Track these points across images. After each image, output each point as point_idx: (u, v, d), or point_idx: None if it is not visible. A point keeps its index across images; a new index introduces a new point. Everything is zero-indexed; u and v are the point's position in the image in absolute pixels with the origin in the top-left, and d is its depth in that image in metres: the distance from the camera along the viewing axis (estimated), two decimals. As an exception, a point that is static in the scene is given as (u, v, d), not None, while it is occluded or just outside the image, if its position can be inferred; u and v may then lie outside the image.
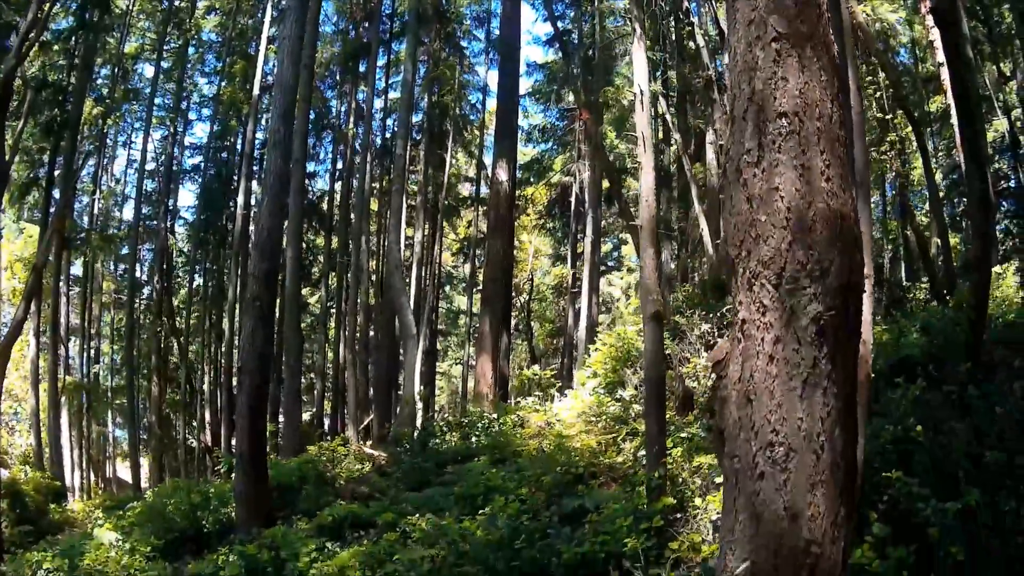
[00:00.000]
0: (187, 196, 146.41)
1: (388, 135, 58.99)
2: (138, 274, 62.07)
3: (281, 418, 44.75)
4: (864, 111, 20.84)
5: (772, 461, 6.02)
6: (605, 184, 48.73)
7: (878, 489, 12.11)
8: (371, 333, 54.46)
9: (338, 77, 60.44)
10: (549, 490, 18.76)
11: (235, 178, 58.42)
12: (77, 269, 63.60)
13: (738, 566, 6.13)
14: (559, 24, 51.46)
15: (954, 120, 25.30)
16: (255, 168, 55.69)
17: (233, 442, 43.79)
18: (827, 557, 6.09)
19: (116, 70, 56.60)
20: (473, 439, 27.17)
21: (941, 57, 27.46)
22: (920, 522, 11.21)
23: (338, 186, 60.92)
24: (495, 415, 28.74)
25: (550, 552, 13.85)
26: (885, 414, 14.22)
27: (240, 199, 50.50)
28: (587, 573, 13.20)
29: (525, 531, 14.82)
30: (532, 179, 61.35)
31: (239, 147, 58.86)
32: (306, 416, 52.82)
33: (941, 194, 40.90)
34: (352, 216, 53.60)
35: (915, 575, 10.28)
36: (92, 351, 64.75)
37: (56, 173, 47.81)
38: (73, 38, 48.08)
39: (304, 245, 51.60)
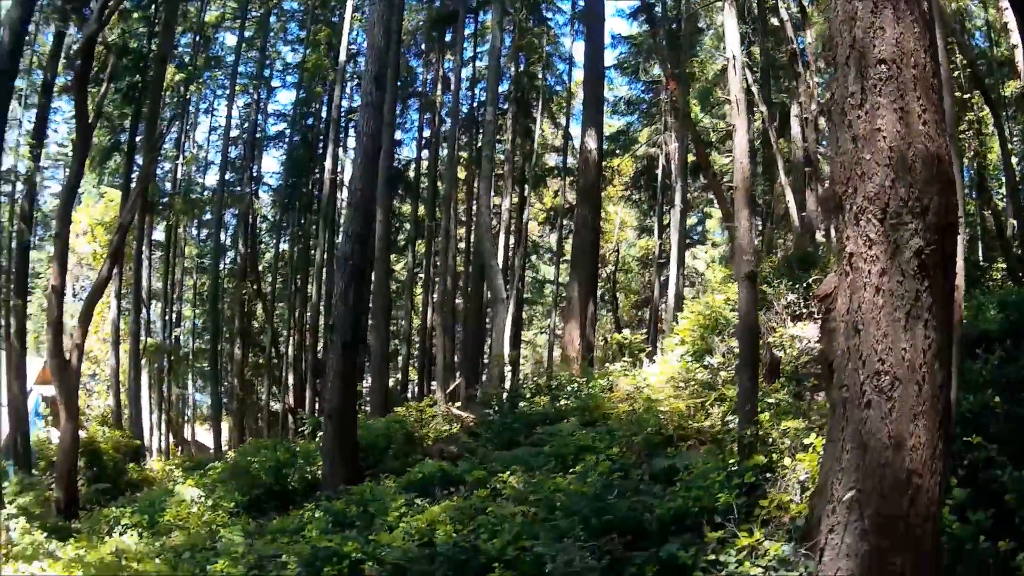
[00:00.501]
0: (270, 162, 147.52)
1: (474, 104, 59.23)
2: (222, 239, 62.56)
3: (367, 381, 44.93)
4: (951, 73, 20.80)
5: (879, 390, 6.21)
6: (691, 157, 48.59)
7: (958, 455, 12.23)
8: (456, 300, 54.71)
9: (423, 46, 60.61)
10: (640, 450, 18.85)
11: (320, 144, 59.37)
12: (159, 235, 64.71)
13: (845, 494, 6.32)
14: (645, -5, 51.23)
15: (1029, 104, 25.21)
16: (341, 134, 56.13)
17: (317, 405, 44.23)
18: (927, 490, 6.26)
19: (197, 38, 57.14)
20: (562, 401, 27.00)
21: (1016, 39, 27.26)
22: (998, 488, 11.38)
23: (424, 154, 61.37)
24: (584, 379, 28.64)
25: (643, 507, 13.88)
26: (965, 385, 14.28)
27: (328, 163, 50.72)
28: (679, 528, 13.24)
29: (618, 487, 14.94)
30: (618, 151, 61.03)
31: (324, 114, 59.78)
32: (390, 382, 53.03)
33: (1017, 177, 40.47)
34: (439, 184, 54.06)
35: (992, 539, 10.36)
36: (173, 315, 65.66)
37: (137, 139, 48.04)
38: (153, 6, 48.56)
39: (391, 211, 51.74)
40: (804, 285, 26.18)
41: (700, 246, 70.45)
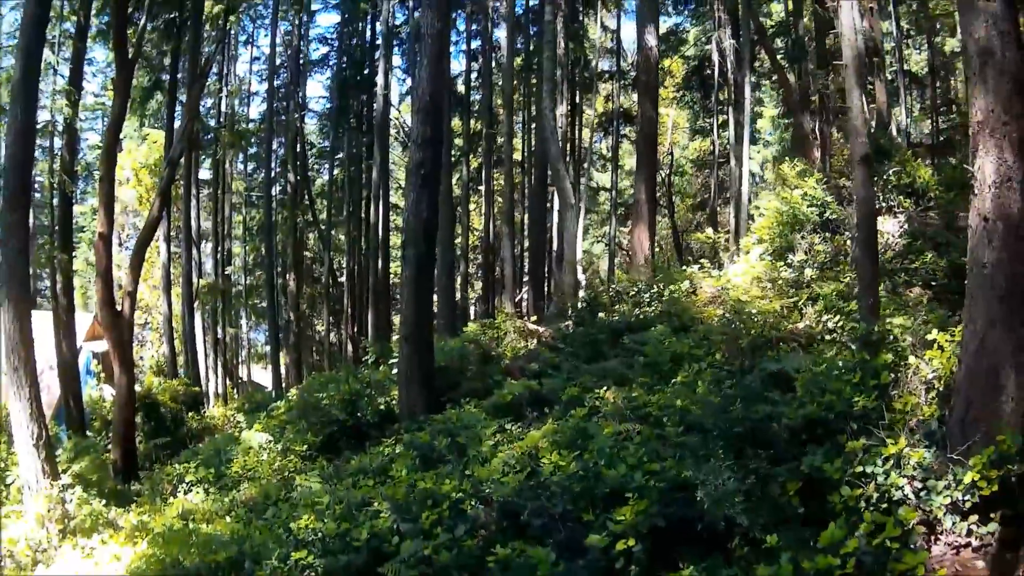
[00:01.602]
0: (315, 87, 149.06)
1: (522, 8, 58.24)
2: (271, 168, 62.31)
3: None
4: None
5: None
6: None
7: None
8: (515, 213, 54.10)
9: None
10: (744, 355, 18.10)
11: (366, 63, 59.50)
12: (204, 173, 65.25)
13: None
14: None
15: None
16: (394, 47, 55.80)
17: (379, 332, 43.63)
18: None
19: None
20: (644, 308, 26.25)
21: None
22: None
23: (474, 65, 60.80)
24: (663, 282, 27.73)
25: (769, 416, 12.93)
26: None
27: (380, 79, 50.29)
28: (811, 436, 12.33)
29: (739, 394, 13.99)
30: (669, 52, 60.41)
31: (367, 32, 60.37)
32: (448, 301, 52.81)
33: None
34: (493, 95, 53.91)
35: None
36: (223, 253, 66.06)
37: (179, 76, 47.75)
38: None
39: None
40: (882, 179, 25.46)
41: (752, 146, 69.57)
